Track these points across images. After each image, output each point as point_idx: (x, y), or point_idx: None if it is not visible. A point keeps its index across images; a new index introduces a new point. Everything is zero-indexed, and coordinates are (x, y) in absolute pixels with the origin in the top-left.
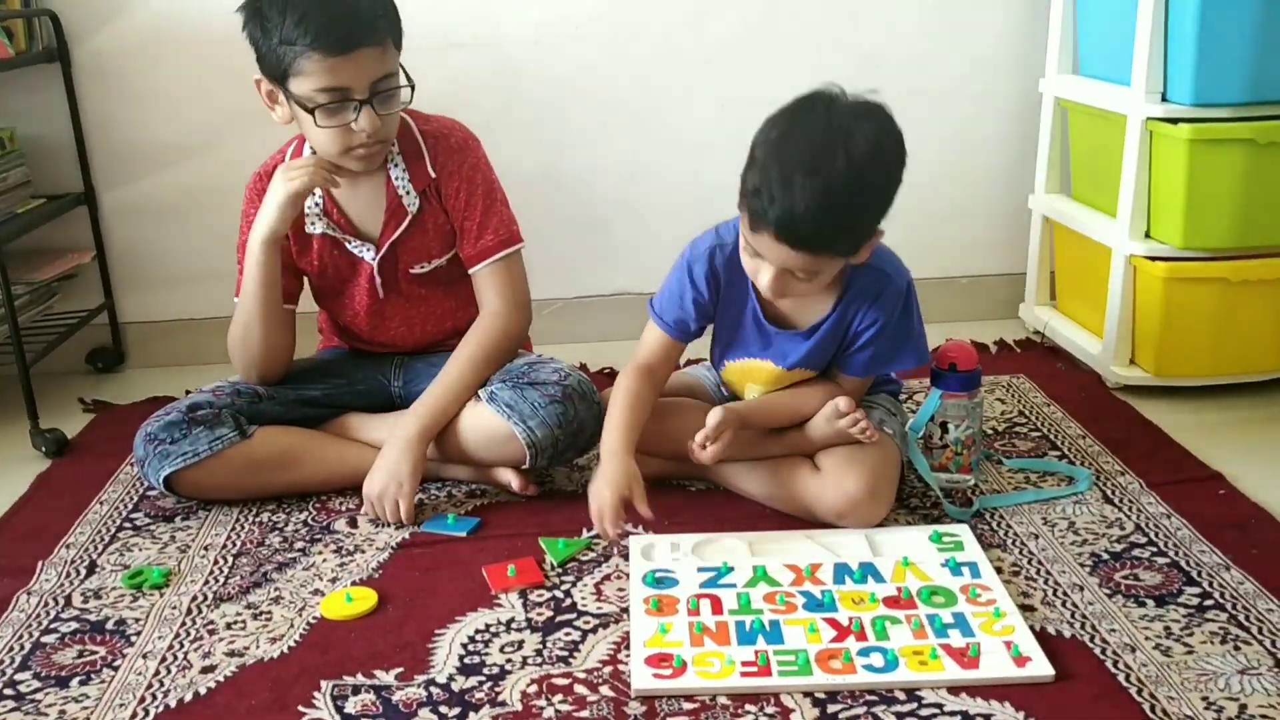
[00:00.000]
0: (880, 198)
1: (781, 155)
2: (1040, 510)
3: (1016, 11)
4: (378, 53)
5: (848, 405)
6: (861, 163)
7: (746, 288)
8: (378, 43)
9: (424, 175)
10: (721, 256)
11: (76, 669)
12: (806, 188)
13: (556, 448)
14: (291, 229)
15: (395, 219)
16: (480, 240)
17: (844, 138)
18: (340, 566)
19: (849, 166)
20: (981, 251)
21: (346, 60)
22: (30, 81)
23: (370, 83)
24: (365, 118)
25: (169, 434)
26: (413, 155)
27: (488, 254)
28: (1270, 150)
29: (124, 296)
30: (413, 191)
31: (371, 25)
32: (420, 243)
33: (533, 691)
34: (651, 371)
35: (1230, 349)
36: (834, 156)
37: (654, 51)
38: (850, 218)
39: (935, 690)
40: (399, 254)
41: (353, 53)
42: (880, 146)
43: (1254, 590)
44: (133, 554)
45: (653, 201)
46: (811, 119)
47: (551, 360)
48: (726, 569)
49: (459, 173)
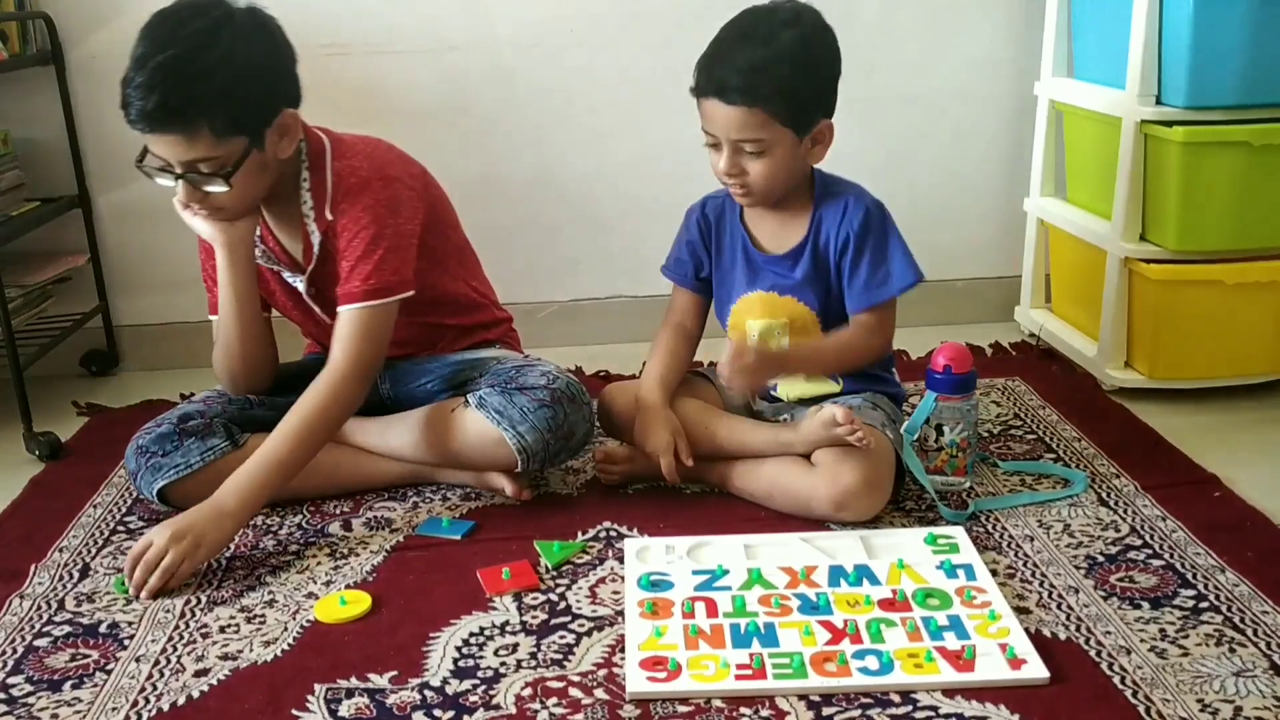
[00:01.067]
0: (809, 58)
1: (718, 37)
2: (1035, 513)
3: (1011, 15)
4: (180, 140)
5: (845, 415)
6: (787, 23)
7: (736, 226)
8: (180, 131)
9: (323, 217)
10: (713, 204)
11: (69, 673)
12: (741, 48)
13: (548, 451)
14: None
15: (308, 252)
16: (348, 283)
17: (769, 14)
18: (334, 570)
19: (773, 27)
20: (977, 254)
21: (153, 138)
22: (24, 84)
23: (180, 162)
24: (181, 189)
25: (160, 446)
26: (319, 192)
27: (350, 299)
28: (1265, 153)
29: (118, 299)
30: (316, 230)
31: (177, 114)
32: (338, 271)
33: (527, 695)
34: (681, 326)
35: (1225, 351)
36: (758, 23)
37: (649, 54)
38: (781, 74)
39: (930, 693)
40: (327, 285)
41: (155, 134)
42: (800, 16)
43: (1249, 592)
44: (126, 557)
45: (648, 204)
46: (755, 9)
47: (540, 363)
48: (721, 572)
49: (350, 213)
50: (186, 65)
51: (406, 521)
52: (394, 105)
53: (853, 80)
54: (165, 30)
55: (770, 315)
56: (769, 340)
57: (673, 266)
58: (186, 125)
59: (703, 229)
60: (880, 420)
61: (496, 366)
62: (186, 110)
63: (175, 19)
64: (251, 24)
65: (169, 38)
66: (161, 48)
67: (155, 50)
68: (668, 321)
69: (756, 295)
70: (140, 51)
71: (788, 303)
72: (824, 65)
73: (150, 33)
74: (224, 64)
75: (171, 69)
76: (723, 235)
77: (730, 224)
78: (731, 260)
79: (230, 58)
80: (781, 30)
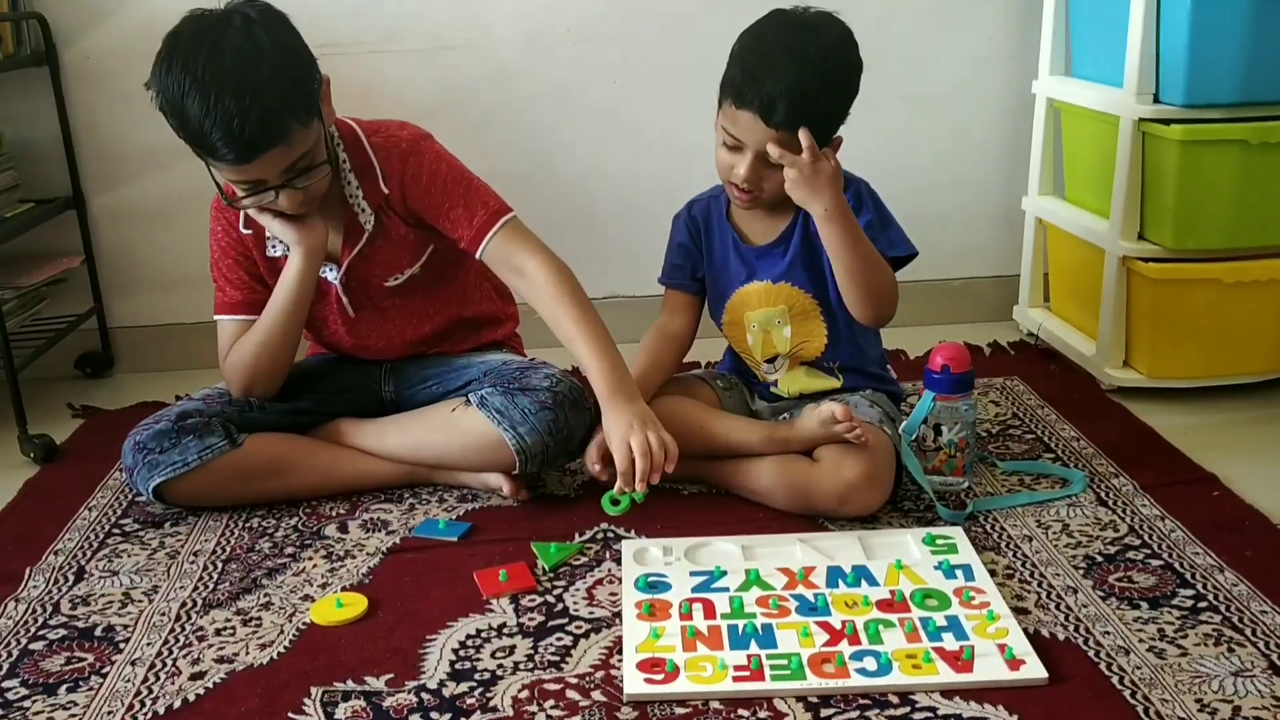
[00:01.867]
0: (846, 83)
1: (761, 46)
2: (1034, 513)
3: (1009, 13)
4: (283, 149)
5: (844, 412)
6: (831, 47)
7: (724, 224)
8: (281, 141)
9: (377, 191)
10: (699, 206)
11: (65, 676)
12: (786, 69)
13: (547, 454)
14: (256, 249)
15: (353, 237)
16: (474, 220)
17: (814, 30)
18: (330, 572)
19: (821, 50)
20: (975, 253)
21: (251, 166)
22: (19, 85)
23: (281, 172)
24: (284, 199)
25: (158, 443)
26: (365, 170)
27: (487, 229)
28: (1262, 151)
29: (113, 301)
30: (367, 209)
31: (272, 128)
32: (387, 255)
33: (524, 697)
34: (667, 328)
35: (1224, 350)
36: (807, 44)
37: (646, 54)
38: (824, 95)
39: (929, 694)
40: (367, 270)
41: (256, 160)
42: (844, 39)
43: (1248, 592)
44: (122, 560)
45: (645, 204)
46: (783, 18)
47: (544, 365)
48: (719, 573)
49: (420, 173)
50: (254, 81)
51: (403, 523)
52: (390, 105)
53: None
54: (209, 63)
55: (768, 305)
56: (769, 329)
57: (669, 273)
58: (282, 134)
59: (692, 231)
60: (878, 417)
61: (500, 367)
62: (278, 122)
63: (208, 48)
64: (264, 15)
65: (220, 67)
66: (222, 79)
67: (218, 85)
68: (656, 325)
69: (752, 287)
70: (195, 94)
71: (783, 289)
72: (855, 88)
73: (193, 73)
74: (278, 59)
75: (243, 93)
76: (712, 234)
77: (718, 223)
78: (724, 258)
79: (278, 51)
80: (829, 54)
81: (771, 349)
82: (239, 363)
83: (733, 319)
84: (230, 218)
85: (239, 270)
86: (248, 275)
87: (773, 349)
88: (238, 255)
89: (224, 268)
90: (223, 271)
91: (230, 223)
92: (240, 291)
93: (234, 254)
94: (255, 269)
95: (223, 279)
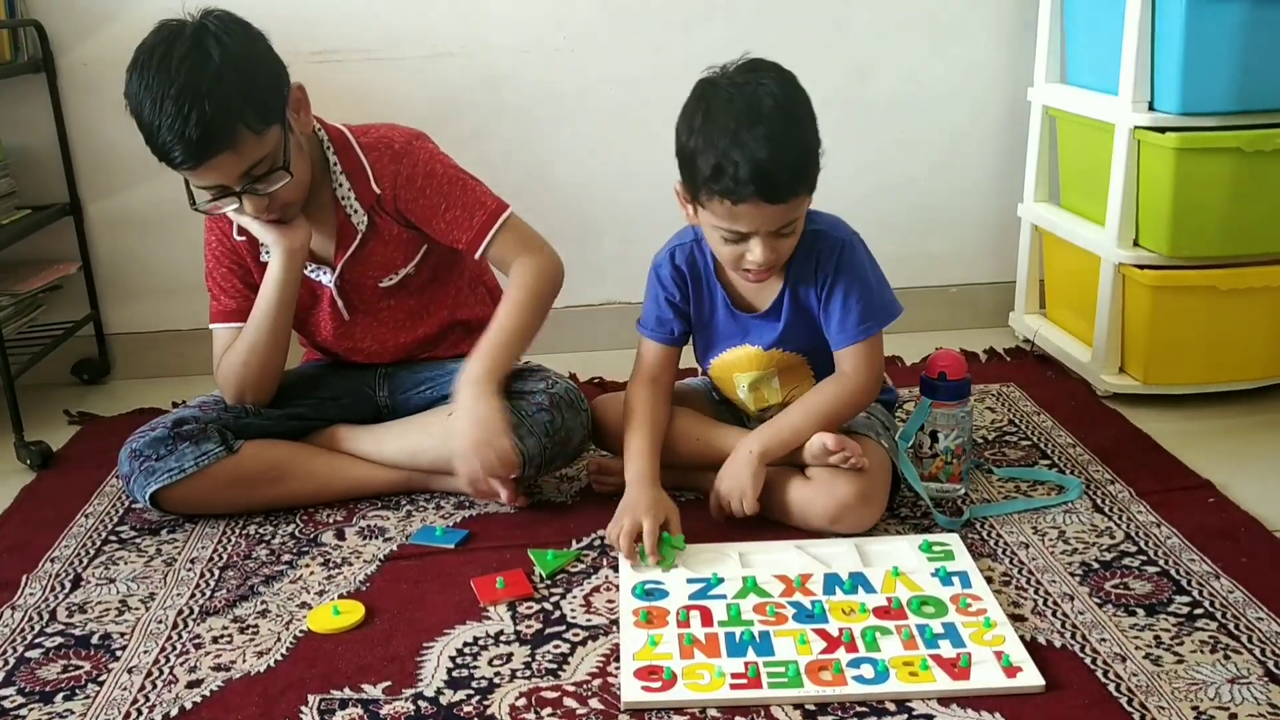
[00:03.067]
0: (811, 119)
1: (717, 128)
2: (1030, 519)
3: (1004, 21)
4: (232, 155)
5: (835, 444)
6: (783, 95)
7: (713, 280)
8: (228, 146)
9: (369, 192)
10: (682, 255)
11: (61, 684)
12: (758, 137)
13: (545, 457)
14: (250, 256)
15: (346, 239)
16: (472, 221)
17: (755, 85)
18: (327, 579)
19: (776, 102)
20: (971, 260)
21: (205, 169)
22: (15, 92)
23: (238, 177)
24: (248, 204)
25: (154, 450)
26: (356, 172)
27: (487, 229)
28: (1257, 159)
29: (110, 308)
30: (360, 209)
31: (217, 133)
32: (381, 256)
33: (521, 705)
34: (656, 381)
35: (1219, 357)
36: (760, 101)
37: (642, 61)
38: (803, 144)
39: (926, 701)
40: (361, 272)
41: (205, 164)
42: (784, 78)
43: (1244, 599)
44: (118, 567)
45: (640, 211)
46: (716, 88)
47: (540, 369)
48: (716, 580)
49: (415, 174)
50: (199, 85)
51: (400, 530)
52: (385, 111)
53: (847, 86)
54: (159, 71)
55: (759, 369)
56: (760, 386)
57: (654, 328)
58: (230, 138)
59: (679, 282)
60: (875, 428)
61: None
62: (223, 123)
63: (159, 57)
64: (221, 23)
65: (167, 74)
66: (167, 85)
67: (163, 91)
68: (641, 377)
69: (743, 350)
70: (147, 101)
71: (774, 355)
72: (810, 108)
73: (145, 80)
74: (228, 66)
75: (188, 97)
76: (700, 287)
77: (706, 277)
78: (712, 314)
79: (228, 58)
80: (783, 97)
81: (764, 402)
82: (230, 369)
83: (721, 375)
84: (224, 226)
85: (233, 279)
86: (241, 283)
87: (764, 402)
88: (231, 264)
89: (218, 276)
90: (217, 280)
91: (224, 231)
92: (234, 300)
93: (228, 262)
94: (249, 277)
95: (217, 288)
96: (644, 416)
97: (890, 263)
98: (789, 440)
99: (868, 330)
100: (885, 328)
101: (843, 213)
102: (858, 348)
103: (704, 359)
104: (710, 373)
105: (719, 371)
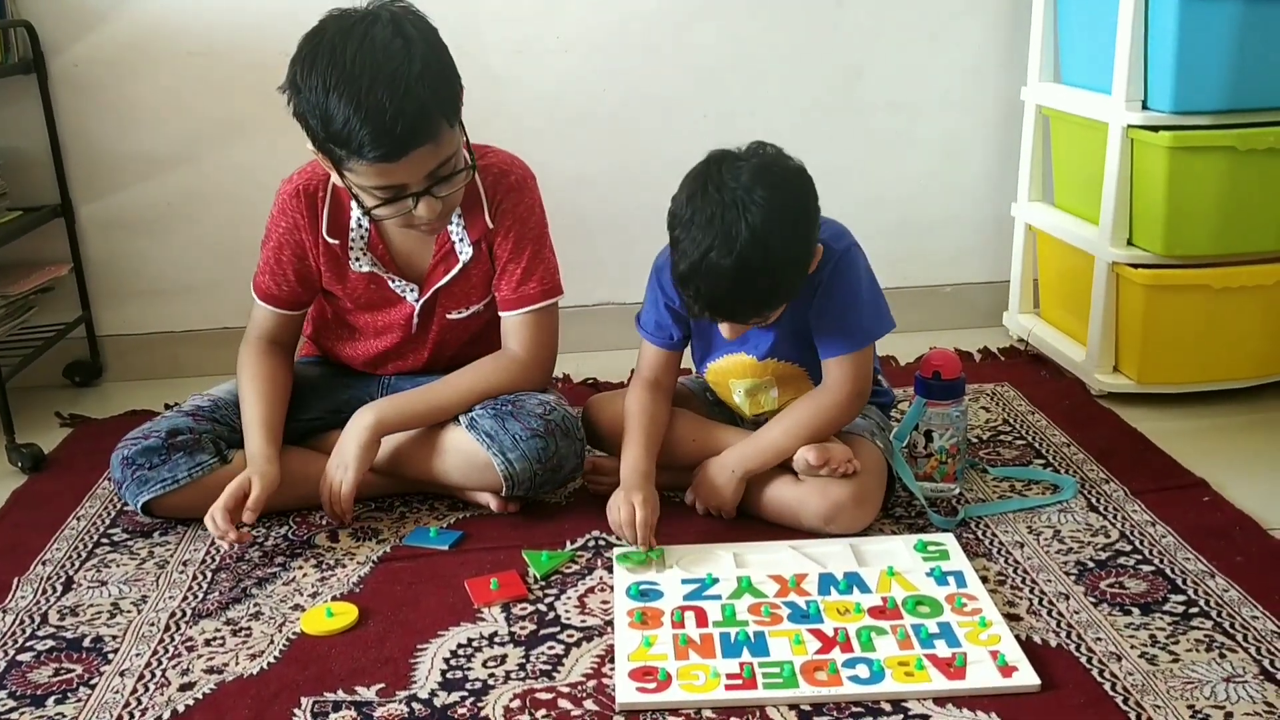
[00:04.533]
0: (793, 253)
1: (692, 243)
2: (1025, 519)
3: (998, 20)
4: (432, 148)
5: (817, 459)
6: (764, 230)
7: None
8: (432, 138)
9: (481, 225)
10: None
11: (53, 687)
12: (722, 273)
13: (534, 481)
14: (327, 262)
15: (445, 265)
16: (523, 286)
17: (742, 210)
18: (321, 581)
19: (753, 238)
20: (965, 260)
21: (399, 164)
22: (6, 93)
23: (425, 176)
24: (424, 207)
25: (147, 459)
26: (471, 202)
27: (527, 302)
28: (1250, 157)
29: (101, 309)
30: (467, 239)
31: (424, 123)
32: (463, 289)
33: (516, 706)
34: (657, 384)
35: (1213, 355)
36: (736, 233)
37: (637, 63)
38: (769, 282)
39: (921, 701)
40: (440, 298)
41: (406, 156)
42: (775, 207)
43: (1239, 597)
44: (110, 570)
45: (635, 212)
46: (706, 198)
47: (539, 392)
48: (711, 580)
49: (513, 212)
50: (407, 74)
51: (394, 532)
52: None
53: (840, 86)
54: (357, 55)
55: (754, 376)
56: (757, 394)
57: (654, 331)
58: (432, 129)
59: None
60: (869, 429)
61: None
62: (430, 117)
63: (356, 41)
64: (406, 11)
65: (369, 60)
66: (372, 72)
67: (365, 78)
68: (641, 380)
69: (738, 358)
70: (345, 89)
71: (770, 364)
72: (800, 236)
73: (340, 65)
74: (432, 55)
75: (395, 86)
76: None
77: None
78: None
79: (430, 47)
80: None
81: (759, 408)
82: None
83: (717, 380)
84: (299, 220)
85: (287, 268)
86: (293, 274)
87: (760, 408)
88: (293, 254)
89: (273, 257)
90: (269, 259)
91: (297, 223)
92: (277, 285)
93: (290, 251)
94: (307, 270)
95: (267, 265)
96: (642, 419)
97: (884, 263)
98: (770, 459)
99: (854, 344)
100: (874, 342)
101: (837, 213)
102: (843, 360)
103: (699, 362)
104: (706, 377)
105: (714, 376)
